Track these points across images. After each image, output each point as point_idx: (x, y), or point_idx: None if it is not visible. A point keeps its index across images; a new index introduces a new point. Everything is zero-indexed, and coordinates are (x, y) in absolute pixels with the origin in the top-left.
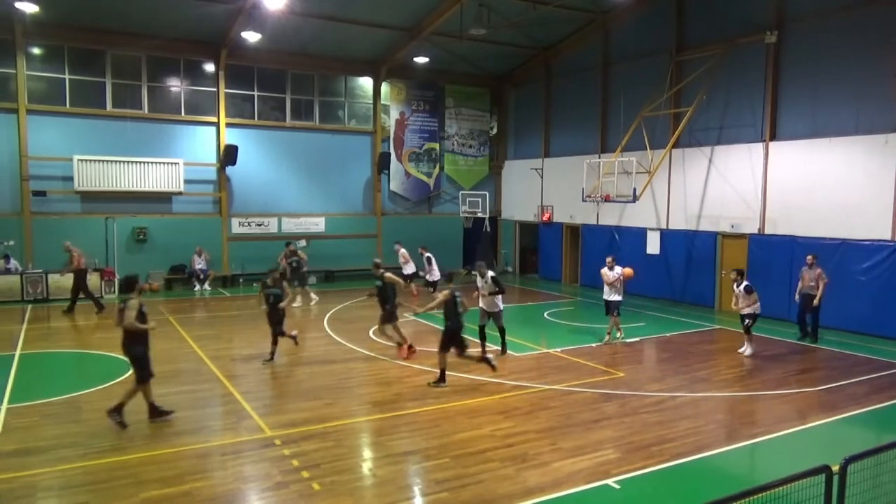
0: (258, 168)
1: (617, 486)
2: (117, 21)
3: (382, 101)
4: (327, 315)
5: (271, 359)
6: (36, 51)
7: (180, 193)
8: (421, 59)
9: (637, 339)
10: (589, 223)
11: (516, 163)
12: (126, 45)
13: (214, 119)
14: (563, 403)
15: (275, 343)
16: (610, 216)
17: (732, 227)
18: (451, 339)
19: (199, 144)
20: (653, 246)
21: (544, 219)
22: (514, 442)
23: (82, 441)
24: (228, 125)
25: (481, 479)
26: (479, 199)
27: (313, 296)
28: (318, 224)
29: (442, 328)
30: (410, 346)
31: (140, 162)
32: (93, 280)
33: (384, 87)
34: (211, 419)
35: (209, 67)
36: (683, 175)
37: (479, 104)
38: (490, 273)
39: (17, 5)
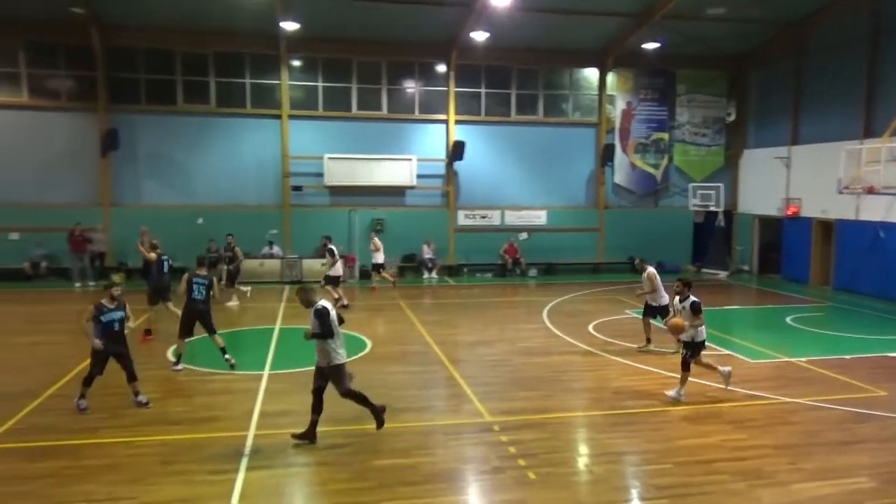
0: (483, 162)
1: None
2: (362, 31)
3: (608, 92)
4: (546, 307)
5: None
6: (296, 63)
7: (413, 187)
8: (651, 45)
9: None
10: (846, 218)
11: (757, 151)
12: (369, 52)
13: (444, 117)
14: (807, 419)
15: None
16: (873, 211)
17: None
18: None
19: (430, 141)
20: None
21: (790, 213)
22: (747, 456)
23: (327, 408)
24: (457, 122)
25: (707, 490)
26: (712, 192)
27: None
28: (539, 217)
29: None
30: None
31: (379, 159)
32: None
33: (610, 77)
34: (435, 400)
35: (441, 68)
36: None
37: (715, 89)
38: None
39: (282, 24)
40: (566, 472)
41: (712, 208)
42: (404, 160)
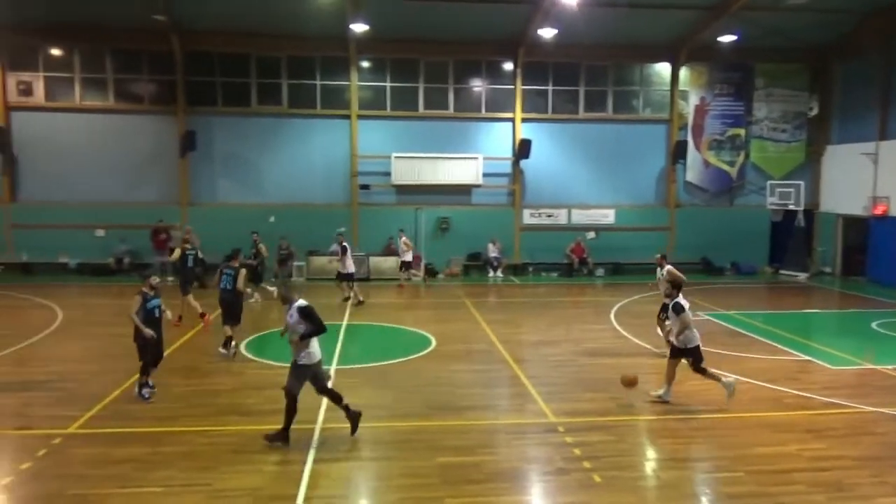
0: (550, 161)
1: None
2: (429, 31)
3: (680, 87)
4: (614, 308)
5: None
6: (365, 64)
7: (479, 186)
8: (727, 38)
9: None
10: None
11: (841, 147)
12: (436, 52)
13: (511, 115)
14: (892, 430)
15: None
16: None
17: None
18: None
19: (496, 140)
20: None
21: (877, 212)
22: (827, 467)
23: (390, 404)
24: (524, 120)
25: (783, 501)
26: (792, 190)
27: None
28: (607, 216)
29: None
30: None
31: (445, 158)
32: (396, 262)
33: (683, 72)
34: (499, 399)
35: (508, 66)
36: None
37: (796, 82)
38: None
39: (352, 26)
40: (633, 476)
41: (791, 207)
42: (470, 159)
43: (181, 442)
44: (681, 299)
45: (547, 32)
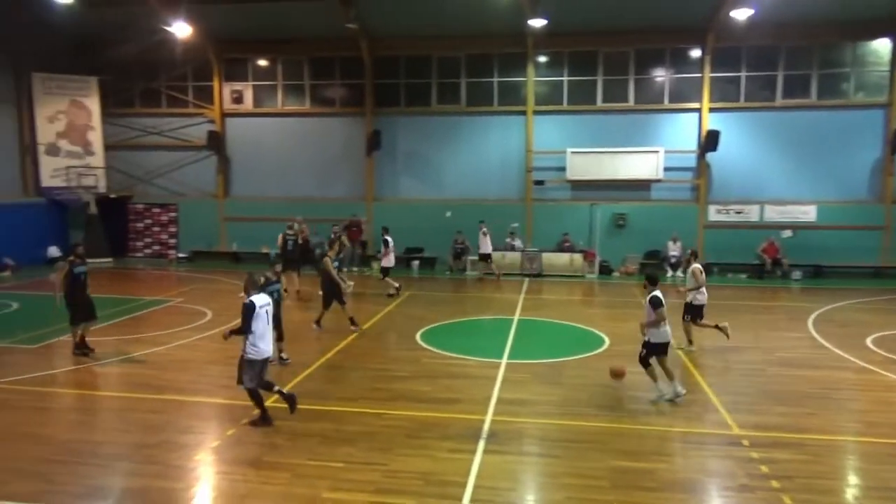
0: (741, 153)
1: None
2: (609, 21)
3: None
4: (813, 315)
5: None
6: (541, 59)
7: (659, 181)
8: None
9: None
10: None
11: None
12: (616, 43)
13: (697, 105)
14: None
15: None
16: None
17: None
18: None
19: (679, 132)
20: None
21: None
22: None
23: (559, 402)
24: (711, 110)
25: None
26: None
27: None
28: (807, 213)
29: None
30: None
31: (623, 152)
32: (569, 259)
33: None
34: (675, 405)
35: (694, 53)
36: None
37: None
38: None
39: (530, 22)
40: (830, 502)
41: None
42: (650, 152)
43: (361, 422)
44: (658, 293)
45: (741, 14)
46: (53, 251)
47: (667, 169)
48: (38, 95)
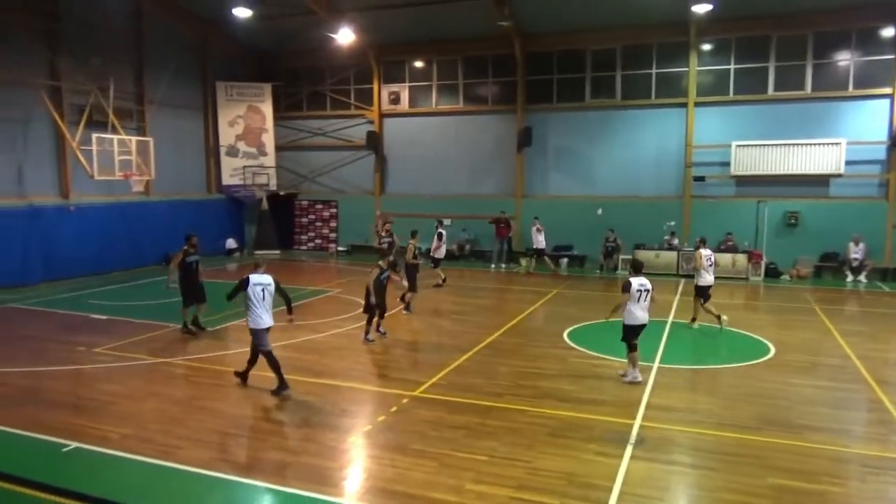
0: None
1: None
2: (783, 4)
3: None
4: None
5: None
6: (705, 47)
7: (839, 175)
8: None
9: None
10: None
11: None
12: (792, 26)
13: (889, 91)
14: None
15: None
16: None
17: None
18: None
19: (865, 121)
20: None
21: None
22: None
23: (716, 411)
24: None
25: None
26: None
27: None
28: None
29: None
30: None
31: (797, 144)
32: (732, 260)
33: None
34: (852, 423)
35: (887, 32)
36: None
37: None
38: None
39: (693, 8)
40: None
41: None
42: (830, 144)
43: (505, 418)
44: (633, 279)
45: None
46: (230, 243)
47: (849, 162)
48: (220, 102)
